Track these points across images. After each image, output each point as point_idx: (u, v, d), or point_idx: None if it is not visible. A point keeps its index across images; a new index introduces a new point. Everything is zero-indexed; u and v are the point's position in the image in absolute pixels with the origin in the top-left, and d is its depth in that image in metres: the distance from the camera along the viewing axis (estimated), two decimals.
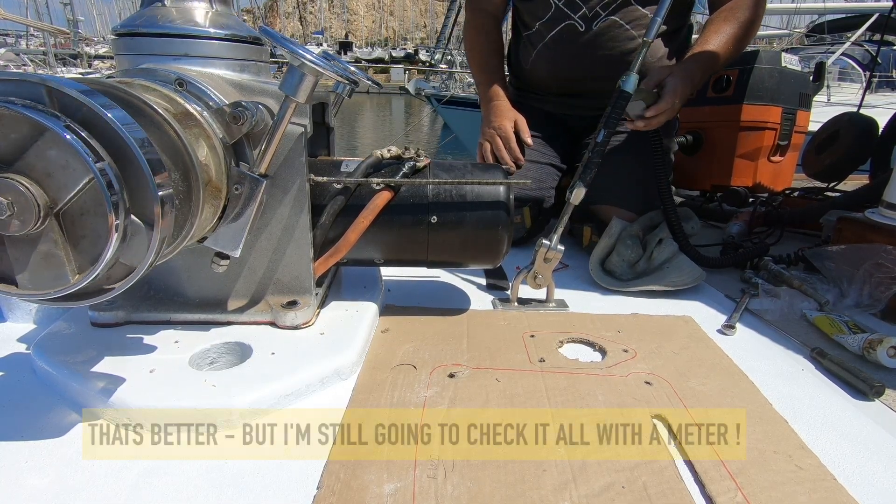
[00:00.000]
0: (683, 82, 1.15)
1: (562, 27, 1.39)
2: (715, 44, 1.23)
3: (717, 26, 1.26)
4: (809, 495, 0.56)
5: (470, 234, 0.86)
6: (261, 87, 0.73)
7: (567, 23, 1.37)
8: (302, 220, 0.79)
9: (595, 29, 1.36)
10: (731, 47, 1.25)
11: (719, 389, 0.74)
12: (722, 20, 1.26)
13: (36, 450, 0.60)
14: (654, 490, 0.55)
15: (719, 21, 1.26)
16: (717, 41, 1.24)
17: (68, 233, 0.53)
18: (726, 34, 1.24)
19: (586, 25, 1.36)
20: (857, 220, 1.13)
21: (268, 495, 0.55)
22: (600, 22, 1.34)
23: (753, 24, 1.27)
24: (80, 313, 0.80)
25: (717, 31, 1.25)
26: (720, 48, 1.23)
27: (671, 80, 1.14)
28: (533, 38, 1.47)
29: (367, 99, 29.11)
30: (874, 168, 1.71)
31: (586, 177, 1.00)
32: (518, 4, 1.48)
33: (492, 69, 1.52)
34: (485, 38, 1.54)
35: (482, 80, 1.51)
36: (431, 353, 0.81)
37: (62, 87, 0.50)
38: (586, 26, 1.36)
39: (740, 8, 1.26)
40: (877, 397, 0.75)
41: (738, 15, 1.26)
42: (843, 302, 1.01)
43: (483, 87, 1.50)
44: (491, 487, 0.55)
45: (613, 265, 1.15)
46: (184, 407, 0.62)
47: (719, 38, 1.24)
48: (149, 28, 0.72)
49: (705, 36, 1.26)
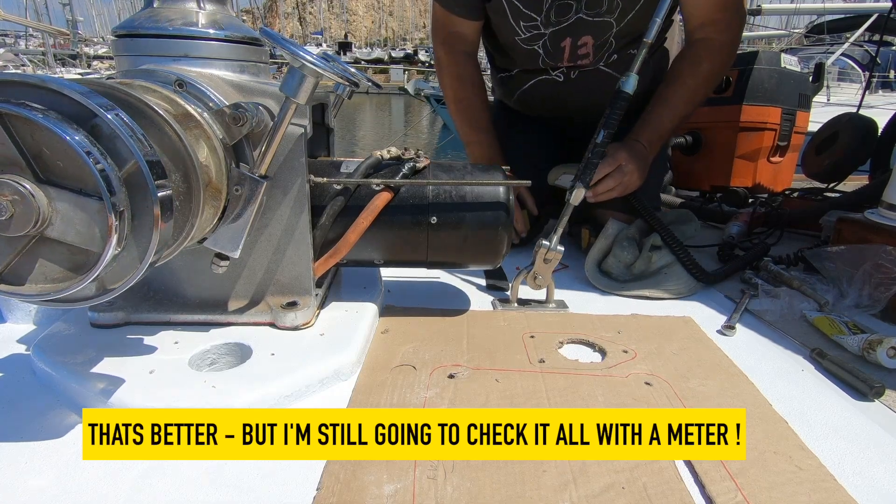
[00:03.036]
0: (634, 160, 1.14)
1: (539, 79, 1.36)
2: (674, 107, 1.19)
3: (676, 86, 1.19)
4: (809, 496, 0.56)
5: (470, 235, 0.86)
6: (261, 87, 0.73)
7: (544, 77, 1.35)
8: (302, 220, 0.79)
9: (574, 78, 1.33)
10: (690, 108, 1.20)
11: (719, 390, 0.75)
12: (687, 74, 1.19)
13: (36, 450, 0.60)
14: (653, 490, 0.55)
15: (683, 76, 1.20)
16: (676, 102, 1.19)
17: None
18: (687, 92, 1.19)
19: (564, 77, 1.34)
20: (856, 220, 1.13)
21: (268, 495, 0.55)
22: (577, 73, 1.32)
23: (717, 75, 1.22)
24: (80, 314, 0.80)
25: (676, 91, 1.19)
26: (678, 112, 1.19)
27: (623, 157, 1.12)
28: (511, 81, 1.42)
29: (367, 99, 29.12)
30: (873, 168, 1.71)
31: (586, 177, 0.99)
32: (492, 51, 1.42)
33: (484, 127, 1.37)
34: (471, 90, 1.37)
35: (475, 140, 1.37)
36: (431, 353, 0.81)
37: (63, 89, 0.50)
38: (565, 77, 1.34)
39: (703, 59, 1.18)
40: (876, 398, 0.75)
41: (702, 68, 1.18)
42: (843, 302, 1.01)
43: (477, 149, 1.37)
44: (491, 488, 0.55)
45: (610, 267, 1.14)
46: (184, 407, 0.62)
47: (679, 98, 1.19)
48: (148, 29, 0.71)
49: (665, 94, 1.20)
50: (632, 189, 1.17)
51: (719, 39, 1.17)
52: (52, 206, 0.52)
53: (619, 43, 1.27)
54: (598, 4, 1.20)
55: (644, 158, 1.17)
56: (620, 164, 1.12)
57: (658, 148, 1.22)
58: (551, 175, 1.17)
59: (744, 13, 1.20)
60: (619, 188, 1.14)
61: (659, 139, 1.21)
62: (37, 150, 0.50)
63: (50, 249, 0.54)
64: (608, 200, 1.17)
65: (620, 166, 1.12)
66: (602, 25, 1.23)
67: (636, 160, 1.15)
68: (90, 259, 0.53)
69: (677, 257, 1.11)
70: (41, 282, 0.54)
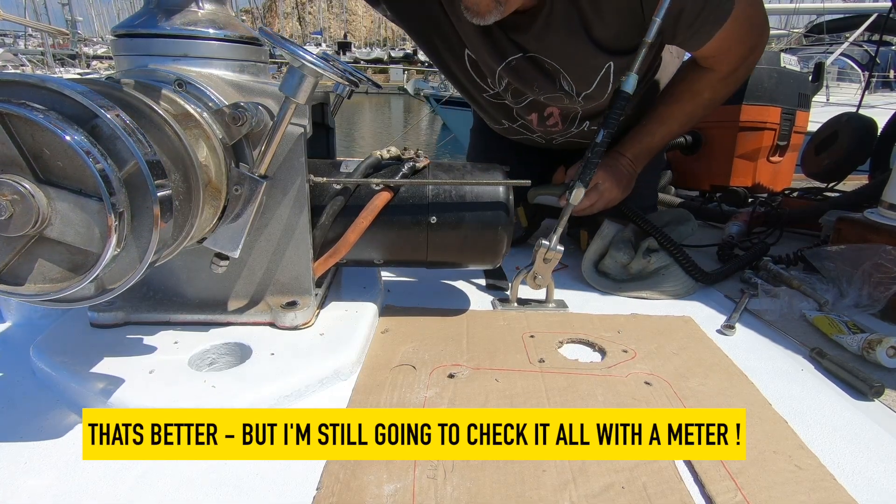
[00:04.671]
0: (612, 176, 1.13)
1: (522, 137, 1.34)
2: (668, 127, 1.17)
3: (674, 107, 1.16)
4: (809, 495, 0.56)
5: (469, 235, 0.86)
6: (260, 87, 0.73)
7: (526, 136, 1.33)
8: (301, 220, 0.79)
9: (557, 143, 1.32)
10: (685, 129, 1.17)
11: (719, 389, 0.75)
12: (686, 99, 1.16)
13: (35, 450, 0.60)
14: (653, 490, 0.55)
15: (682, 100, 1.16)
16: (671, 123, 1.17)
17: None
18: (683, 115, 1.16)
19: (546, 141, 1.32)
20: (856, 220, 1.13)
21: (268, 495, 0.55)
22: (560, 137, 1.30)
23: (719, 101, 1.17)
24: (80, 314, 0.80)
25: (673, 112, 1.16)
26: (672, 131, 1.17)
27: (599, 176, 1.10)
28: (497, 133, 1.40)
29: (367, 99, 29.11)
30: (873, 168, 1.71)
31: (586, 177, 0.99)
32: (473, 106, 1.38)
33: None
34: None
35: None
36: (431, 353, 0.81)
37: (62, 89, 0.50)
38: (546, 141, 1.32)
39: (705, 89, 1.14)
40: (876, 397, 0.75)
41: (703, 97, 1.15)
42: (843, 302, 1.02)
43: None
44: (491, 488, 0.55)
45: (607, 267, 1.14)
46: (183, 407, 0.62)
47: (674, 120, 1.16)
48: (148, 28, 0.71)
49: (662, 113, 1.17)
50: (614, 204, 1.16)
51: (725, 71, 1.12)
52: (51, 206, 0.52)
53: (588, 116, 1.23)
54: (556, 100, 1.16)
55: (627, 173, 1.16)
56: (597, 182, 1.11)
57: (645, 162, 1.20)
58: (529, 195, 1.17)
59: (755, 42, 1.10)
60: (600, 203, 1.14)
61: (647, 155, 1.19)
62: (37, 150, 0.50)
63: (49, 249, 0.54)
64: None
65: (596, 185, 1.11)
66: (565, 104, 1.19)
67: (614, 177, 1.13)
68: (89, 259, 0.53)
69: (675, 259, 1.11)
70: (40, 282, 0.54)
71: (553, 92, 1.12)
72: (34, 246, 0.54)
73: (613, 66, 1.05)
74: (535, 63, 1.09)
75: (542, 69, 1.09)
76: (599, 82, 1.08)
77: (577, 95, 1.12)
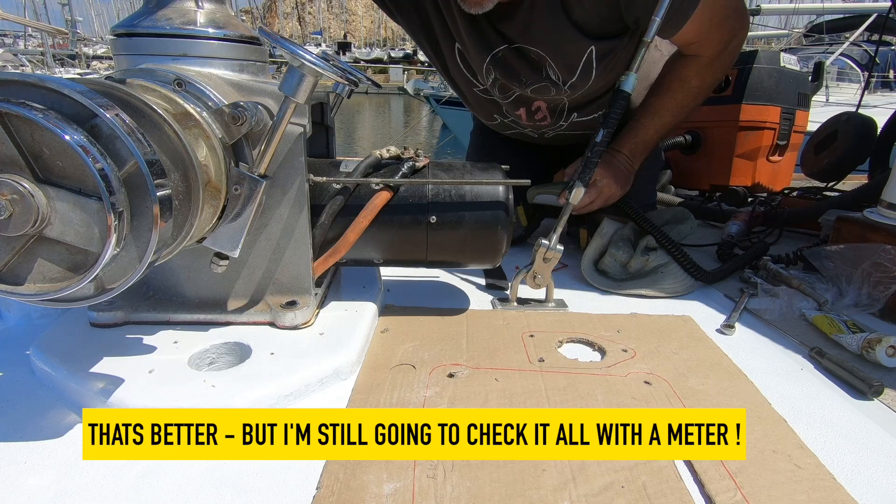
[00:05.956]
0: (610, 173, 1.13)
1: (515, 132, 1.36)
2: (661, 118, 1.16)
3: (665, 98, 1.16)
4: (808, 494, 0.56)
5: (469, 234, 0.86)
6: (260, 87, 0.73)
7: (517, 130, 1.34)
8: (301, 220, 0.79)
9: (548, 137, 1.33)
10: (679, 119, 1.18)
11: (718, 389, 0.75)
12: (676, 87, 1.16)
13: (35, 450, 0.60)
14: (653, 490, 0.55)
15: (672, 89, 1.16)
16: (664, 114, 1.16)
17: None
18: (675, 105, 1.16)
19: (538, 135, 1.33)
20: (855, 219, 1.13)
21: (267, 495, 0.55)
22: (550, 131, 1.31)
23: (709, 87, 1.18)
24: (80, 313, 0.80)
25: (665, 102, 1.16)
26: (666, 123, 1.17)
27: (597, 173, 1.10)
28: (496, 133, 1.42)
29: (366, 99, 29.11)
30: (873, 168, 1.71)
31: (585, 177, 0.99)
32: (466, 104, 1.40)
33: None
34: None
35: None
36: (431, 352, 0.81)
37: (62, 88, 0.50)
38: (538, 136, 1.34)
39: (692, 77, 1.14)
40: (875, 396, 0.75)
41: (691, 84, 1.15)
42: (842, 301, 1.02)
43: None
44: (490, 487, 0.55)
45: (606, 266, 1.14)
46: (183, 407, 0.62)
47: (667, 110, 1.16)
48: (147, 28, 0.71)
49: (653, 105, 1.17)
50: (613, 200, 1.16)
51: (709, 56, 1.13)
52: (51, 206, 0.52)
53: (575, 107, 1.24)
54: (543, 91, 1.17)
55: (625, 169, 1.17)
56: (595, 179, 1.11)
57: (643, 158, 1.20)
58: (529, 194, 1.17)
59: (735, 26, 1.11)
60: (599, 200, 1.14)
61: (644, 150, 1.19)
62: (36, 149, 0.50)
63: (49, 249, 0.54)
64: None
65: (595, 182, 1.11)
66: (552, 95, 1.20)
67: (612, 173, 1.14)
68: (89, 259, 0.53)
69: (674, 258, 1.11)
70: (40, 281, 0.54)
71: (539, 82, 1.15)
72: (34, 245, 0.54)
73: (595, 51, 1.08)
74: (520, 54, 1.12)
75: (527, 59, 1.12)
76: (583, 69, 1.11)
77: (563, 84, 1.15)
